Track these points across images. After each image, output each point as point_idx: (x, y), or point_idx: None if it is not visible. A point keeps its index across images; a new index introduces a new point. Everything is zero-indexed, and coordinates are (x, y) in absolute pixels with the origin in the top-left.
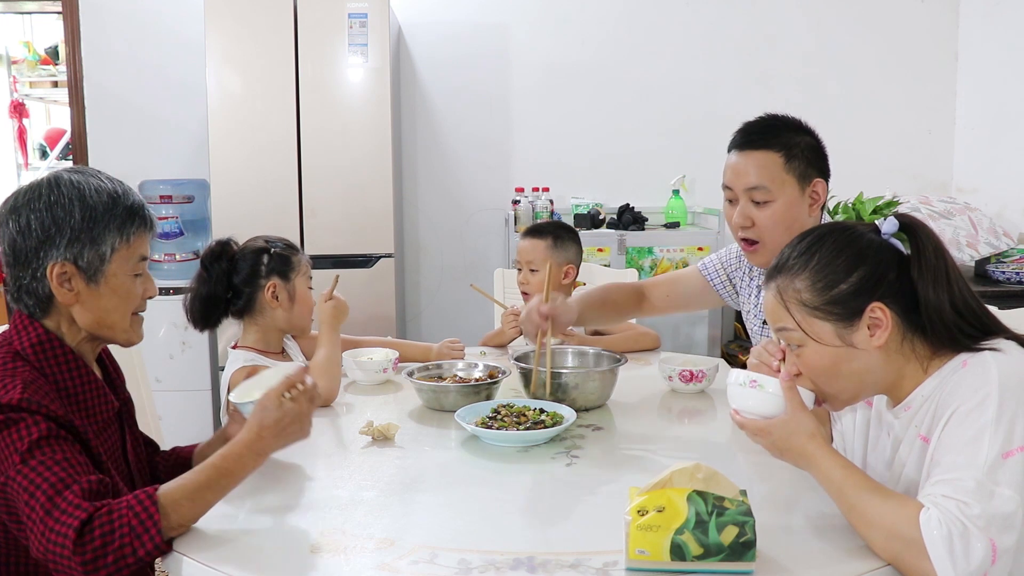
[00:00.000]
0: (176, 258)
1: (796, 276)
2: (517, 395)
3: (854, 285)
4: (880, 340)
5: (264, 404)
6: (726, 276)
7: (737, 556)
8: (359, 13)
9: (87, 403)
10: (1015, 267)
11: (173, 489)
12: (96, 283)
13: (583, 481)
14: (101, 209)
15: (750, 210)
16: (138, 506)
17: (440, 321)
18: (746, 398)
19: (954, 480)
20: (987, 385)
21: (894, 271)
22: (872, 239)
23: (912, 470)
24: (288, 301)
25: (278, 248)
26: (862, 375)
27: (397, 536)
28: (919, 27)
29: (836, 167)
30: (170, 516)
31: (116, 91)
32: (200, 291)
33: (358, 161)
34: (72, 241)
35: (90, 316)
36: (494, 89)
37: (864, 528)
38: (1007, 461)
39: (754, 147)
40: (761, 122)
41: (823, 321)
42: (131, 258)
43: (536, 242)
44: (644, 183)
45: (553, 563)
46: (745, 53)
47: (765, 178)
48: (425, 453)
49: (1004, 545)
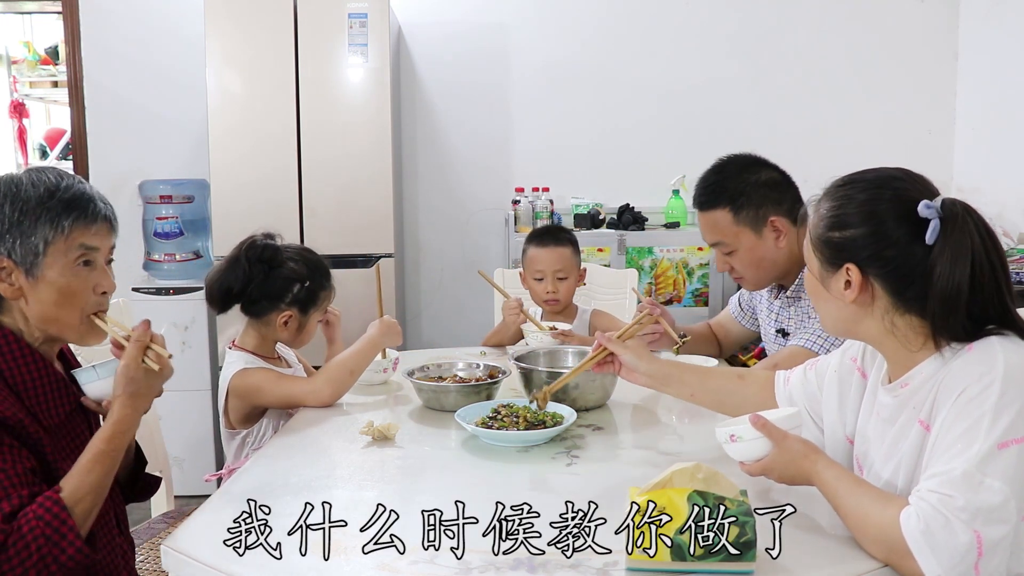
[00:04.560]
0: (176, 258)
1: (825, 200)
2: (517, 395)
3: (845, 239)
4: (848, 298)
5: (129, 376)
6: (741, 307)
7: (737, 556)
8: (359, 13)
9: (46, 398)
10: (1015, 267)
11: (74, 486)
12: (35, 276)
13: (583, 481)
14: (33, 202)
15: (722, 258)
16: (47, 515)
17: (440, 321)
18: (736, 452)
19: (943, 472)
20: (992, 371)
21: (898, 248)
22: (904, 210)
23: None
24: (296, 331)
25: (314, 283)
26: (835, 318)
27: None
28: (919, 27)
29: (836, 167)
30: (76, 513)
31: (116, 91)
32: (229, 281)
33: (358, 161)
34: (3, 235)
35: (36, 311)
36: (494, 89)
37: (857, 532)
38: (1002, 452)
39: (704, 208)
40: (706, 180)
41: (813, 253)
42: (70, 251)
43: (561, 250)
44: (644, 183)
45: (553, 563)
46: (745, 53)
47: (719, 235)
48: (425, 453)
49: (991, 537)
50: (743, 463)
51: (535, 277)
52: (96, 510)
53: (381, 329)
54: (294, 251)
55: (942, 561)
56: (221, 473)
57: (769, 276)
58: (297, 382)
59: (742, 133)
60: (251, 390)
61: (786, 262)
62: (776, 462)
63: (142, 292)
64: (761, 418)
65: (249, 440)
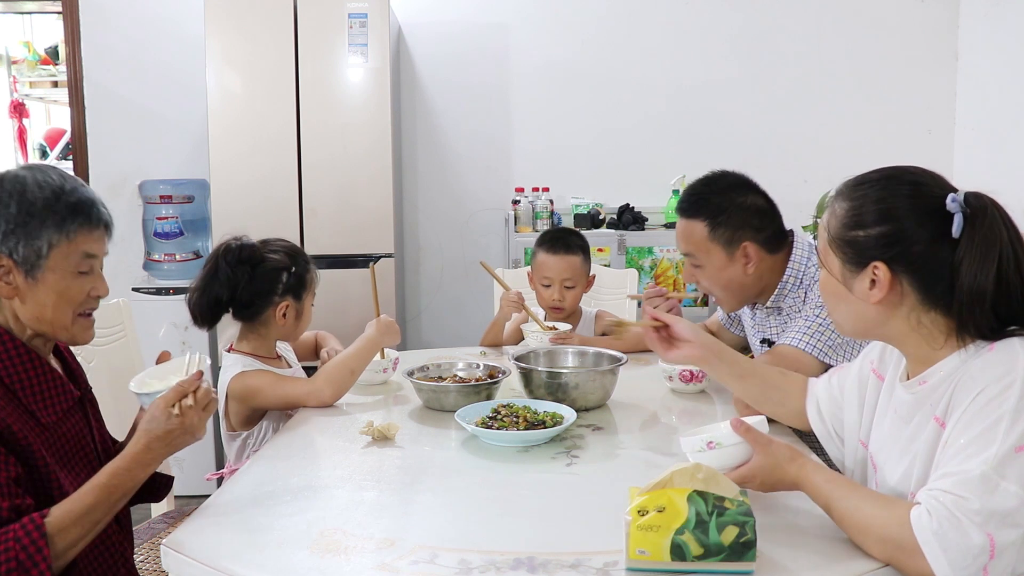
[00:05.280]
0: (176, 258)
1: (840, 200)
2: (517, 395)
3: (872, 238)
4: (875, 298)
5: (153, 415)
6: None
7: (737, 556)
8: (359, 13)
9: (43, 394)
10: None
11: (61, 515)
12: (34, 278)
13: (583, 481)
14: (40, 204)
15: (690, 269)
16: (26, 538)
17: (440, 321)
18: (714, 460)
19: (959, 472)
20: (1012, 373)
21: (924, 244)
22: (926, 205)
23: (921, 450)
24: (295, 320)
25: (298, 267)
26: (857, 319)
27: (397, 536)
28: (919, 27)
29: (835, 167)
30: (56, 544)
31: (116, 91)
32: (214, 290)
33: (358, 161)
34: (8, 235)
35: (30, 311)
36: (494, 89)
37: (858, 535)
38: (1019, 456)
39: (684, 215)
40: (694, 189)
41: (834, 255)
42: (72, 255)
43: (571, 258)
44: (644, 183)
45: (553, 563)
46: (745, 53)
47: (692, 246)
48: (425, 453)
49: (1004, 540)
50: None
51: (543, 284)
52: (83, 542)
53: (379, 328)
54: (268, 244)
55: (953, 562)
56: (222, 473)
57: (737, 298)
58: (297, 383)
59: (742, 133)
60: (250, 393)
61: (755, 286)
62: (759, 468)
63: (142, 292)
64: (743, 423)
65: (250, 442)
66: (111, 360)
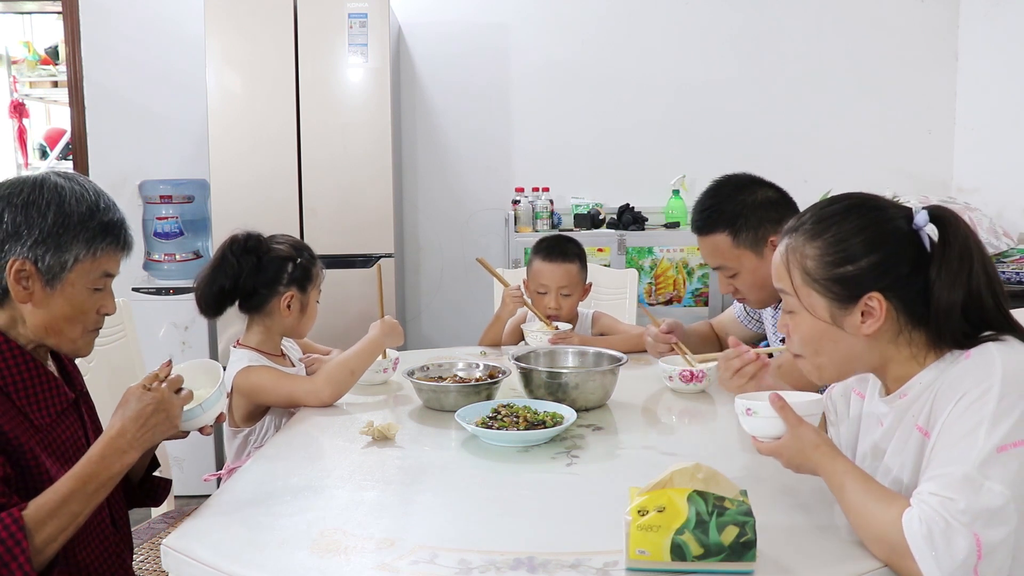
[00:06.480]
0: (176, 258)
1: (809, 241)
2: (517, 395)
3: (862, 270)
4: (870, 330)
5: (126, 398)
6: (747, 311)
7: (737, 556)
8: (359, 13)
9: (37, 396)
10: (1015, 267)
11: (37, 507)
12: (52, 288)
13: (583, 481)
14: (76, 219)
15: (726, 281)
16: (3, 532)
17: (440, 321)
18: (750, 426)
19: (944, 475)
20: (990, 377)
21: (908, 266)
22: (898, 227)
23: (907, 460)
24: (299, 312)
25: (304, 259)
26: (845, 357)
27: (397, 536)
28: (919, 27)
29: (836, 167)
30: (35, 538)
31: (116, 91)
32: (220, 281)
33: (358, 161)
34: (38, 242)
35: (39, 319)
36: (494, 89)
37: (859, 530)
38: (1001, 455)
39: (703, 233)
40: (702, 204)
41: (820, 295)
42: (93, 272)
43: (568, 267)
44: (644, 183)
45: (553, 563)
46: (745, 53)
47: (720, 259)
48: (425, 453)
49: (991, 540)
50: (755, 438)
51: (539, 291)
52: (64, 536)
53: (383, 329)
54: (275, 238)
55: (943, 566)
56: (221, 473)
57: (774, 296)
58: (298, 381)
59: (742, 133)
60: (254, 388)
61: None
62: (786, 447)
63: (142, 292)
64: (780, 399)
65: (252, 439)
66: (111, 360)
